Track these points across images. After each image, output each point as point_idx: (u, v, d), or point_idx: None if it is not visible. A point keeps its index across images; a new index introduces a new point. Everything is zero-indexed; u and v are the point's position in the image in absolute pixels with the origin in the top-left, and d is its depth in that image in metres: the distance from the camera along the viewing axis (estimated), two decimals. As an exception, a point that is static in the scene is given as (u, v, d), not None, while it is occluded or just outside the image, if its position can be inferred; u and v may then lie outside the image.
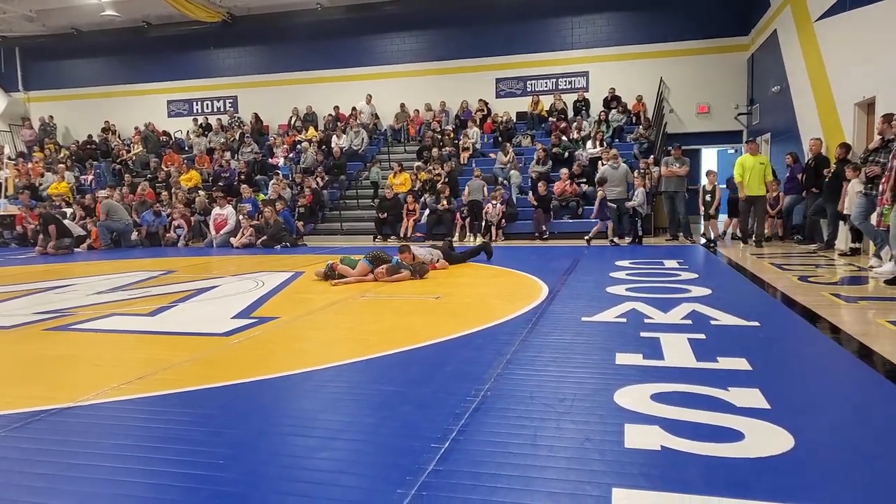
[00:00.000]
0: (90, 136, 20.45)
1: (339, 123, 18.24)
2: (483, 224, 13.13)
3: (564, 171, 13.77)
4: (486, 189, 13.44)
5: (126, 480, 2.31)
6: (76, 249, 13.25)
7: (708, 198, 11.94)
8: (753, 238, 10.72)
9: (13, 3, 18.48)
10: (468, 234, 13.27)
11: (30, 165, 18.50)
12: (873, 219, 7.23)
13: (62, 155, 19.46)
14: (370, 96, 18.62)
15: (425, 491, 2.12)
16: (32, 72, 22.43)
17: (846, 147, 9.10)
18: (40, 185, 17.35)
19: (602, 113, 16.50)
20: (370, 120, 18.48)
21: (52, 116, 21.51)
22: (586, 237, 11.65)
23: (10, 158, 18.80)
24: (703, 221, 12.48)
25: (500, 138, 16.48)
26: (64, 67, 22.03)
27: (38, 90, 22.40)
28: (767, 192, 10.73)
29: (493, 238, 12.92)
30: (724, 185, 12.99)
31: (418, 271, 7.36)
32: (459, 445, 2.50)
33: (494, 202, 13.13)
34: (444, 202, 13.61)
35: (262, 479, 2.27)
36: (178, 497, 2.16)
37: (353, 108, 18.54)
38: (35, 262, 11.40)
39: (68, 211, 14.79)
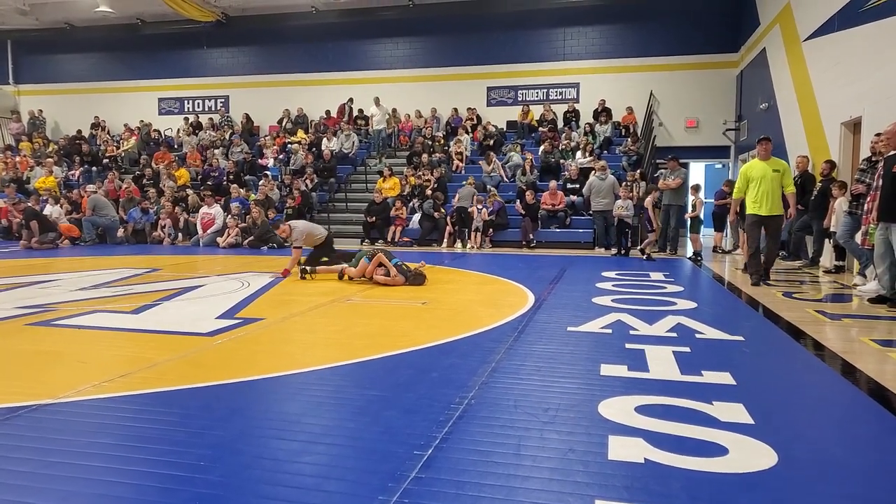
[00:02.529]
0: (79, 132, 20.28)
1: (327, 127, 18.19)
2: (470, 230, 13.09)
3: (553, 183, 13.79)
4: (475, 197, 13.40)
5: (105, 480, 2.28)
6: (61, 244, 13.11)
7: (692, 210, 11.99)
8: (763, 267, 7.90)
9: (6, -4, 18.36)
10: (456, 240, 13.26)
11: (17, 159, 18.30)
12: (858, 238, 7.31)
13: (51, 149, 19.27)
14: (378, 98, 18.04)
15: (407, 498, 2.11)
16: (23, 65, 22.25)
17: (831, 164, 9.20)
18: (27, 179, 17.16)
19: (587, 126, 16.53)
20: (382, 121, 17.98)
21: (41, 110, 21.31)
22: (645, 255, 10.89)
23: (-4, 151, 18.62)
24: (689, 235, 12.52)
25: (487, 148, 16.38)
26: (55, 62, 21.86)
27: (28, 83, 22.21)
28: (787, 208, 7.59)
29: (480, 245, 12.91)
30: (713, 199, 13.10)
31: (412, 280, 7.36)
32: (443, 453, 2.49)
33: (480, 206, 13.10)
34: (441, 210, 13.62)
35: (243, 482, 2.25)
36: (158, 498, 2.14)
37: (360, 111, 18.50)
38: (19, 256, 11.27)
39: (55, 207, 14.59)
